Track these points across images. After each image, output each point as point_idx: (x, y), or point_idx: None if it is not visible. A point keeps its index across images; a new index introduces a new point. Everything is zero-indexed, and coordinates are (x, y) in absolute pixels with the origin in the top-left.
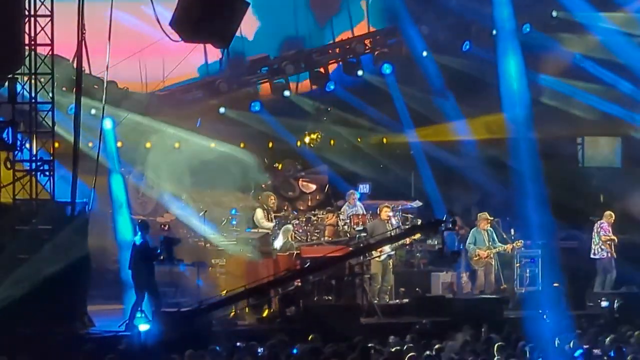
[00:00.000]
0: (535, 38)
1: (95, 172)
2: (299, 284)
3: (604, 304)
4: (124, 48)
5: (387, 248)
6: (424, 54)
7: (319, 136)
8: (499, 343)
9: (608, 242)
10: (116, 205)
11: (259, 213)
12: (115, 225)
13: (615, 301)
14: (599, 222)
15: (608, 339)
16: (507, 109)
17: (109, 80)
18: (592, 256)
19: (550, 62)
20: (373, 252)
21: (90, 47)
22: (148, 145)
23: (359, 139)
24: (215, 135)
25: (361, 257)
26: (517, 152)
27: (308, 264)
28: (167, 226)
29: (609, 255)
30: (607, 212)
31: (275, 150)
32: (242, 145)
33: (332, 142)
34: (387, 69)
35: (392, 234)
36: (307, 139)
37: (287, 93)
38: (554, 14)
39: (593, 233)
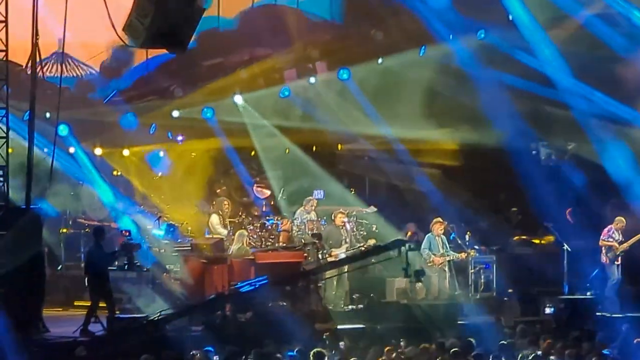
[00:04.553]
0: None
1: (49, 177)
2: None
3: (548, 310)
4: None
5: (342, 254)
6: (379, 60)
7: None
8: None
9: (604, 247)
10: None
11: (214, 219)
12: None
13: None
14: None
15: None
16: None
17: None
18: None
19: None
20: (328, 258)
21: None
22: (99, 151)
23: (314, 147)
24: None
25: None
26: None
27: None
28: (128, 232)
29: (606, 260)
30: (617, 218)
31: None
32: (193, 154)
33: (287, 150)
34: (343, 74)
35: (352, 247)
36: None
37: (238, 99)
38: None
39: None
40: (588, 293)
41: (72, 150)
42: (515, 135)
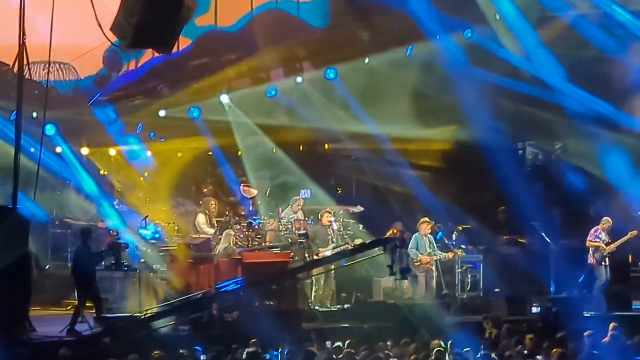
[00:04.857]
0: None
1: (36, 177)
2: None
3: (535, 310)
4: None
5: (328, 252)
6: (366, 60)
7: None
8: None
9: (591, 248)
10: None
11: (201, 218)
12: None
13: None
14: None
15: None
16: None
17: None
18: None
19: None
20: (314, 257)
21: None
22: (85, 151)
23: (301, 146)
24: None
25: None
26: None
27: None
28: (116, 232)
29: (593, 261)
30: (604, 218)
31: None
32: (179, 154)
33: (274, 150)
34: (330, 73)
35: (339, 247)
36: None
37: (224, 98)
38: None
39: None
40: (575, 293)
41: (59, 150)
42: (502, 135)
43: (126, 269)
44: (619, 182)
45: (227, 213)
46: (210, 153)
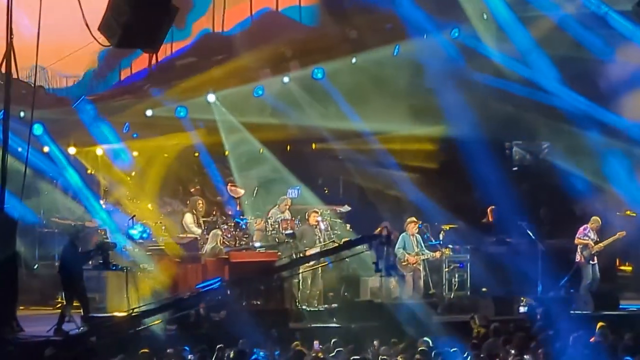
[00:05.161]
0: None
1: (23, 177)
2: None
3: (522, 309)
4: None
5: (314, 252)
6: (353, 60)
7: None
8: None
9: (580, 246)
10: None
11: (189, 218)
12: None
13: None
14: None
15: None
16: None
17: (37, 85)
18: None
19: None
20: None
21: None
22: (72, 150)
23: (287, 146)
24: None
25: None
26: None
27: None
28: (104, 231)
29: (581, 259)
30: (593, 218)
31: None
32: (165, 155)
33: (261, 150)
34: (318, 73)
35: (325, 246)
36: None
37: (211, 98)
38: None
39: None
40: (562, 292)
41: (46, 149)
42: (489, 135)
43: (114, 268)
44: (607, 182)
45: (214, 212)
46: (197, 153)
